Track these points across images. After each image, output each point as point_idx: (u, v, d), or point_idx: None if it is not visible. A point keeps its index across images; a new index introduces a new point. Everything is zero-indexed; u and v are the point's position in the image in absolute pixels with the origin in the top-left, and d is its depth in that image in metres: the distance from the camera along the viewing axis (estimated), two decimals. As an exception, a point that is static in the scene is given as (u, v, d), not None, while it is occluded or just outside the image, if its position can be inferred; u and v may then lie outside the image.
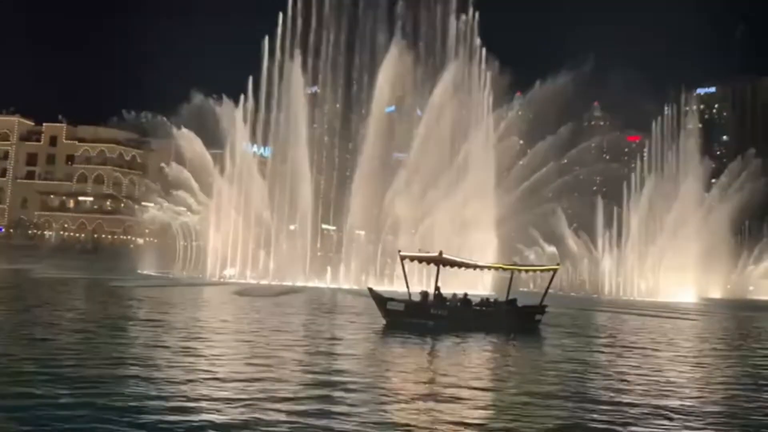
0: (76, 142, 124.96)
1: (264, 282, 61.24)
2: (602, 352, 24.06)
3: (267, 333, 23.02)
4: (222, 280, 61.27)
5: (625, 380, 17.49)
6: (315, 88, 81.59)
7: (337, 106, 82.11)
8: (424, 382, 15.98)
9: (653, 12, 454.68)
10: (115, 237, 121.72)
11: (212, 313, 29.42)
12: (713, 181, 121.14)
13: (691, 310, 62.93)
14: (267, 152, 77.00)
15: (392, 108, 79.85)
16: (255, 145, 78.04)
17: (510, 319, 29.96)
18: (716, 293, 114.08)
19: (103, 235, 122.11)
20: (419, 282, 45.35)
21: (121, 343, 18.72)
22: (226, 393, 12.94)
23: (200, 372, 14.87)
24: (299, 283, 62.43)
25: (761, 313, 69.60)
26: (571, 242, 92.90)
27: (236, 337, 21.90)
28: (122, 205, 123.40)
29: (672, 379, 18.12)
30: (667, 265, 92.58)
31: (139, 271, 64.79)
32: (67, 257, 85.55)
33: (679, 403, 14.62)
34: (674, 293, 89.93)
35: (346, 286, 63.89)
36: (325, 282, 65.60)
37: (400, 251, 30.11)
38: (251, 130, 72.96)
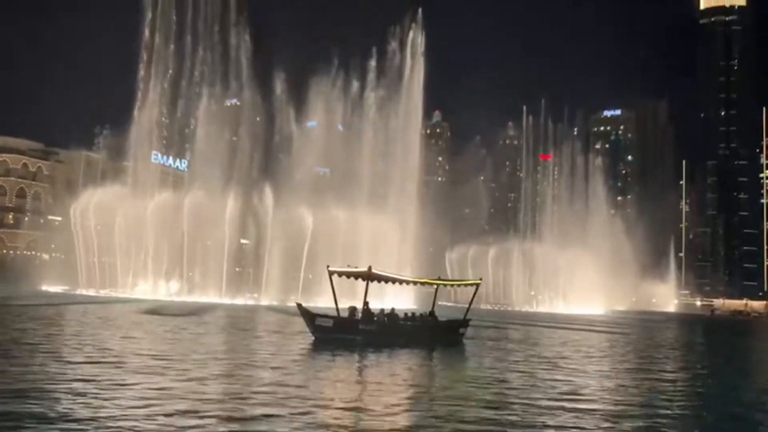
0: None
1: (177, 299, 59.27)
2: (520, 366, 24.51)
3: (184, 355, 21.63)
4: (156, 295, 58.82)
5: (544, 392, 17.91)
6: (234, 100, 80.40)
7: (258, 119, 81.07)
8: (353, 400, 15.84)
9: (562, 37, 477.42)
10: (18, 252, 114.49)
11: (121, 335, 27.71)
12: (619, 198, 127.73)
13: (603, 322, 65.68)
14: (183, 165, 75.01)
15: (314, 123, 79.85)
16: (169, 158, 75.87)
17: (436, 333, 30.53)
18: (622, 306, 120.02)
19: (5, 251, 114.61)
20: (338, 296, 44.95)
21: (10, 374, 17.44)
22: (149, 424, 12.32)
23: (109, 405, 14.10)
24: (215, 300, 60.83)
25: (668, 324, 73.74)
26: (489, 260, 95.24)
27: (150, 362, 20.44)
28: (26, 219, 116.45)
29: (594, 391, 18.78)
30: (576, 278, 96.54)
31: (43, 288, 61.30)
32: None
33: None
34: (583, 306, 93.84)
35: (265, 303, 62.76)
36: (243, 298, 64.20)
37: (328, 266, 29.90)
38: (165, 143, 71.01)
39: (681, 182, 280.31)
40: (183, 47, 71.41)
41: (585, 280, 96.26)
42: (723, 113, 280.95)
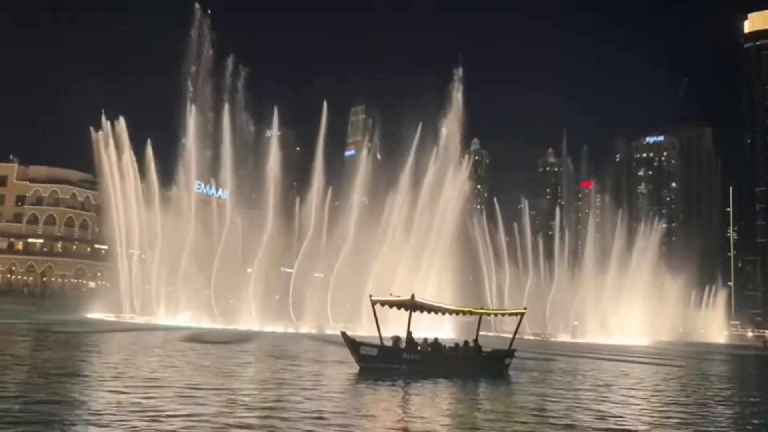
0: (27, 183, 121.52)
1: (218, 327, 59.77)
2: (569, 398, 23.74)
3: (233, 384, 21.56)
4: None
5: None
6: (275, 130, 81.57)
7: (297, 149, 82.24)
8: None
9: (604, 62, 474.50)
10: (66, 280, 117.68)
11: (164, 363, 27.91)
12: (663, 226, 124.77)
13: (651, 354, 63.53)
14: (225, 194, 76.25)
15: (352, 152, 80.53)
16: (211, 187, 77.35)
17: (481, 364, 29.90)
18: (669, 336, 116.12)
19: (53, 279, 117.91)
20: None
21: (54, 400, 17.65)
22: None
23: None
24: (255, 328, 61.10)
25: (719, 356, 70.79)
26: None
27: (198, 392, 19.50)
28: (74, 247, 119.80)
29: None
30: (620, 308, 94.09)
31: (88, 315, 62.59)
32: (13, 302, 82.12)
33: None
34: (628, 337, 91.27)
35: (303, 330, 62.78)
36: (282, 326, 64.29)
37: (371, 296, 29.72)
38: (207, 171, 72.46)
39: (728, 209, 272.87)
40: (224, 85, 73.30)
41: (629, 309, 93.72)
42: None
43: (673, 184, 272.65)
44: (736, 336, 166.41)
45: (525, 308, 33.16)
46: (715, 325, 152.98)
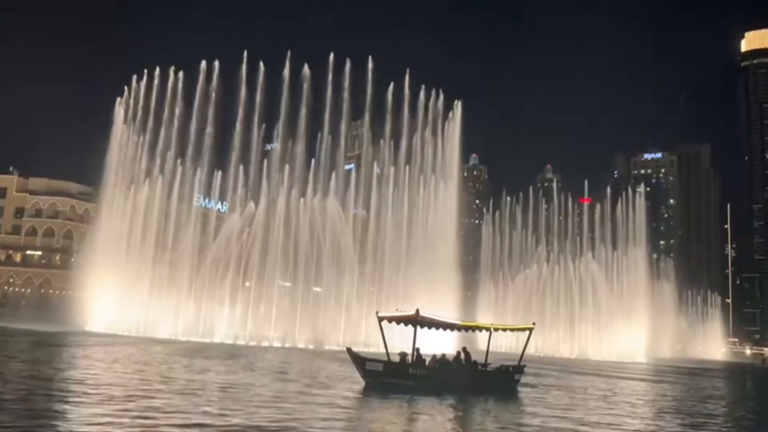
0: (27, 195, 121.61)
1: (217, 341, 59.69)
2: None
3: (238, 398, 21.56)
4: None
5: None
6: (274, 145, 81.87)
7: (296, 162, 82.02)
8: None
9: (604, 79, 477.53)
10: (64, 293, 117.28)
11: (165, 375, 27.97)
12: (662, 243, 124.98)
13: (650, 371, 63.42)
14: (224, 208, 76.44)
15: (351, 166, 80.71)
16: (211, 200, 77.46)
17: (490, 380, 29.76)
18: (667, 353, 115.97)
19: (51, 291, 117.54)
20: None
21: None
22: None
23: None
24: (252, 342, 60.97)
25: (718, 373, 70.69)
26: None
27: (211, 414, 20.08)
28: (72, 259, 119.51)
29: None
30: (618, 325, 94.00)
31: (87, 329, 62.47)
32: (10, 314, 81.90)
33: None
34: (626, 353, 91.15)
35: (300, 345, 62.63)
36: (280, 341, 64.15)
37: (377, 312, 29.80)
38: (206, 185, 72.78)
39: (726, 226, 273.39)
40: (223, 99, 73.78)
41: (627, 326, 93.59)
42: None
43: (671, 201, 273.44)
44: (734, 353, 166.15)
45: (534, 323, 32.93)
46: (714, 342, 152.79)
